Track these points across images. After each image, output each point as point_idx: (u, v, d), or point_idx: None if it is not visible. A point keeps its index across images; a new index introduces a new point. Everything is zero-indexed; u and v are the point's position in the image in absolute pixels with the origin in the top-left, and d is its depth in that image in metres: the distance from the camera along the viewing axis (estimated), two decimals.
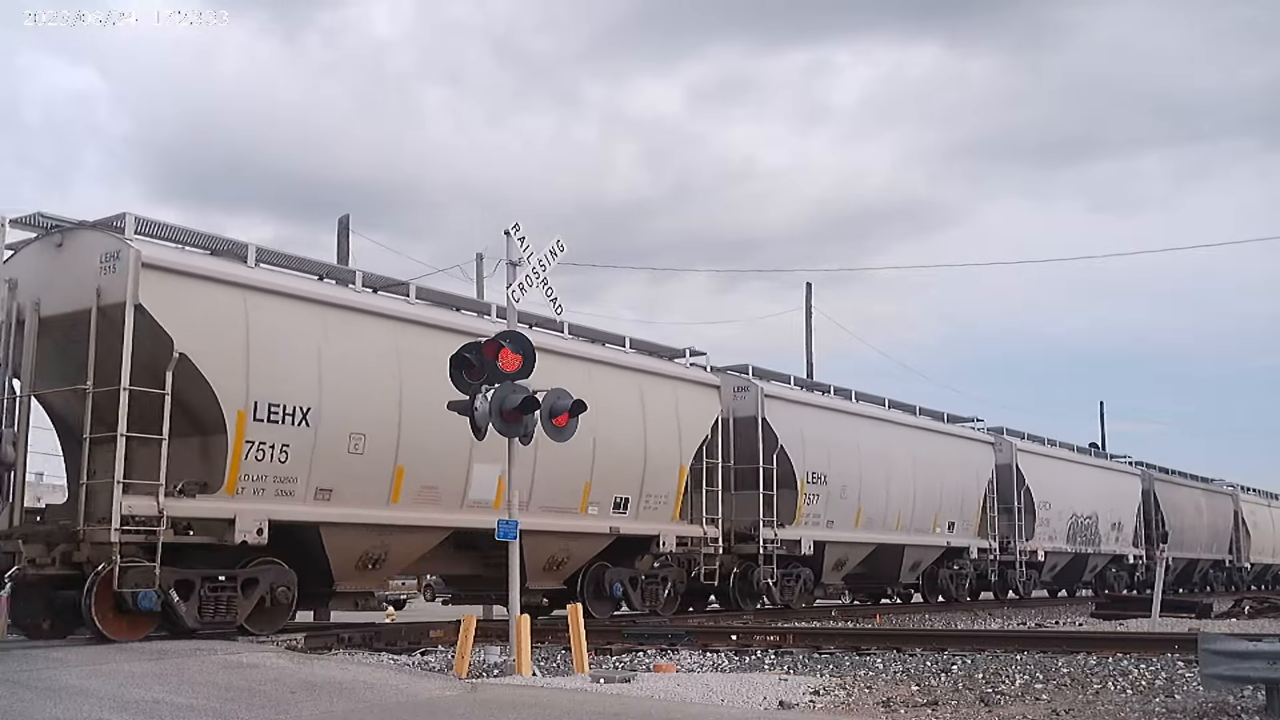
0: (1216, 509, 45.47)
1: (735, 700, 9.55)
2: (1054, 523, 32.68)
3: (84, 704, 8.38)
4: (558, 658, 12.81)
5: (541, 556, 17.60)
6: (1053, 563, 33.07)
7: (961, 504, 28.38)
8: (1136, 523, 38.79)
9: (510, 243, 12.77)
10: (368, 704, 9.05)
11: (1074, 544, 33.96)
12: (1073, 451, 36.33)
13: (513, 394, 11.89)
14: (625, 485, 18.73)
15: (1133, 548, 38.40)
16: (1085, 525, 34.65)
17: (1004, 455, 31.07)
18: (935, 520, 27.21)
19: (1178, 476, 43.44)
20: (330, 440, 14.33)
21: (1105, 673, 11.20)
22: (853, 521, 24.22)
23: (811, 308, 36.31)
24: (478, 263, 29.78)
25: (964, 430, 29.97)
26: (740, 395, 22.17)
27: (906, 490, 26.02)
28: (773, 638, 14.86)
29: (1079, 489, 34.57)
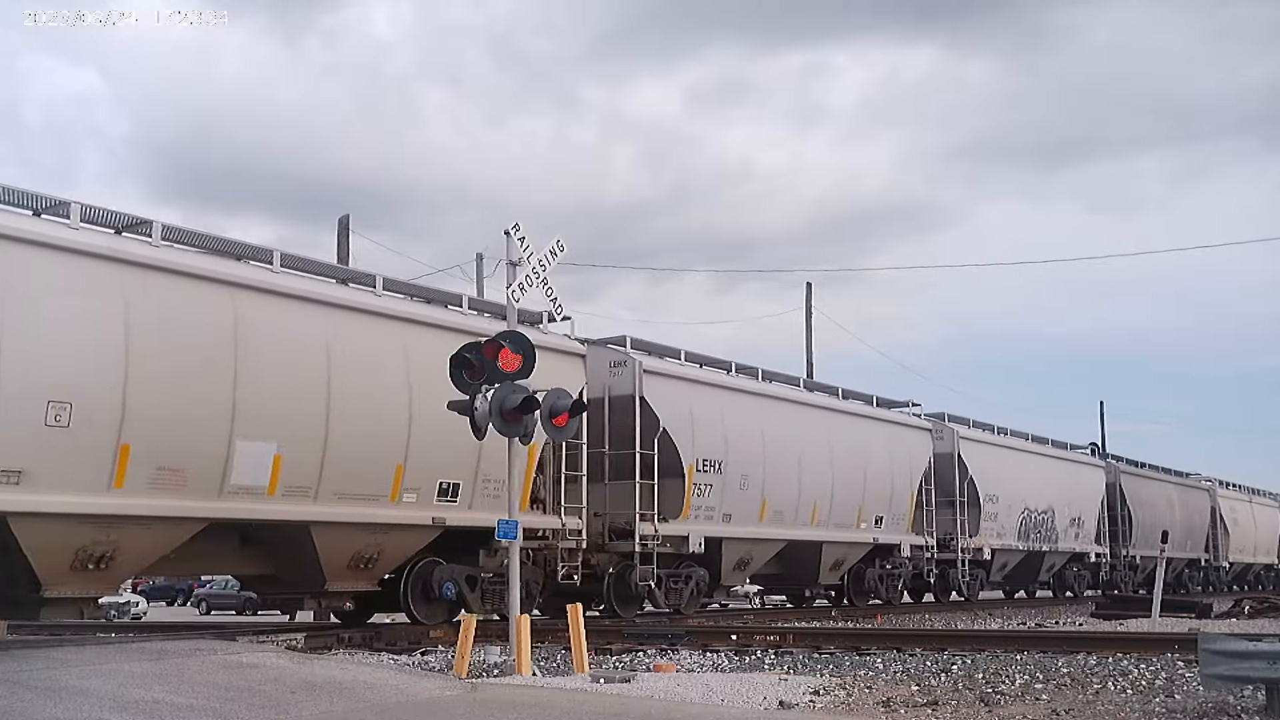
0: (1191, 505, 43.05)
1: (735, 700, 9.55)
2: (1003, 517, 29.99)
3: (84, 704, 8.38)
4: (558, 658, 12.81)
5: (342, 553, 14.72)
6: (1002, 561, 30.48)
7: (891, 496, 25.60)
8: (1100, 518, 36.05)
9: (510, 243, 12.79)
10: (368, 704, 9.04)
11: (1027, 541, 31.29)
12: (1027, 440, 33.28)
13: (513, 394, 11.91)
14: (454, 469, 15.62)
15: (1095, 545, 35.75)
16: (1040, 521, 32.04)
17: (944, 443, 28.11)
18: (860, 514, 24.47)
19: (1149, 470, 41.17)
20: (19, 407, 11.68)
21: (1105, 673, 11.19)
22: (756, 515, 21.44)
23: (811, 308, 36.33)
24: (478, 263, 29.81)
25: (896, 415, 27.15)
26: (616, 370, 19.30)
27: (823, 481, 23.10)
28: (773, 638, 14.87)
29: (1032, 481, 31.94)
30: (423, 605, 16.12)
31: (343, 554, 14.74)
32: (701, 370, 21.45)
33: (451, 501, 15.78)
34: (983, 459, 29.28)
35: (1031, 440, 33.56)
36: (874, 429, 25.70)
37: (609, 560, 19.18)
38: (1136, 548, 37.41)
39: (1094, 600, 30.16)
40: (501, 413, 11.85)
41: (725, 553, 21.03)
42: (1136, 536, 37.33)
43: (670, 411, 19.55)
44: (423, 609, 16.09)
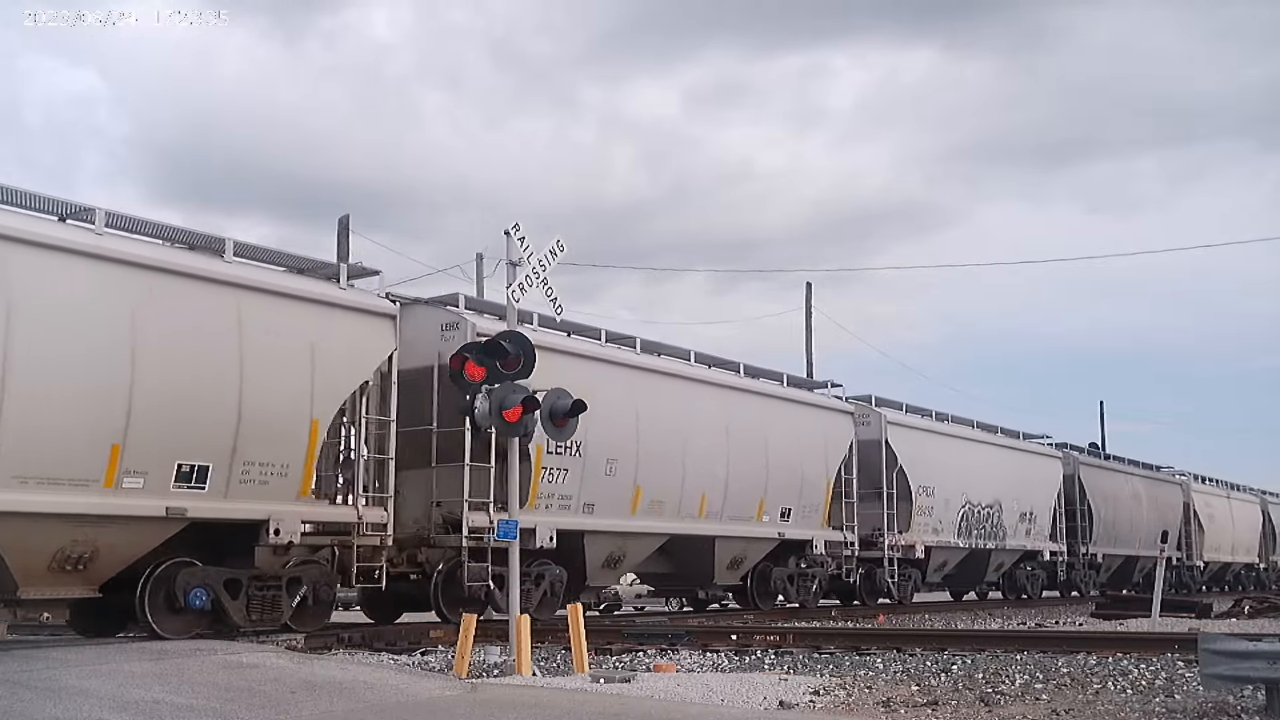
0: (1162, 500, 40.19)
1: (735, 700, 9.56)
2: (939, 512, 27.13)
3: (84, 704, 8.38)
4: (558, 658, 12.81)
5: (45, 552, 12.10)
6: (941, 560, 27.76)
7: (802, 487, 22.74)
8: (1056, 514, 33.31)
9: (510, 243, 12.79)
10: (368, 704, 9.05)
11: (968, 538, 28.46)
12: (972, 428, 30.37)
13: (512, 394, 11.91)
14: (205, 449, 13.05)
15: (1050, 543, 32.95)
16: (984, 516, 29.19)
17: (870, 429, 25.35)
18: (761, 506, 21.67)
19: (1113, 462, 38.71)
20: None
21: (1105, 673, 11.19)
22: (628, 506, 18.59)
23: (811, 307, 36.34)
24: (478, 263, 29.83)
25: (810, 396, 24.36)
26: (449, 335, 16.28)
27: (715, 467, 20.19)
28: (773, 638, 14.87)
29: (976, 472, 28.93)
30: (164, 617, 13.12)
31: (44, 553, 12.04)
32: (557, 336, 17.94)
33: (200, 489, 12.98)
34: (916, 447, 26.39)
35: (977, 427, 30.63)
36: (781, 410, 22.74)
37: (440, 556, 16.25)
38: (1098, 545, 35.12)
39: (1094, 600, 29.58)
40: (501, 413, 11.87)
41: (589, 549, 18.26)
42: (1098, 533, 34.96)
43: None
44: (162, 621, 13.10)
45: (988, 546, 29.54)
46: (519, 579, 12.40)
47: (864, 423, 25.21)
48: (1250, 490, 50.42)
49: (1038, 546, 32.35)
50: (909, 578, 26.67)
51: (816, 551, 23.47)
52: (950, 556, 28.23)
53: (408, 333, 15.87)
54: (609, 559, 18.97)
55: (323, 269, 15.06)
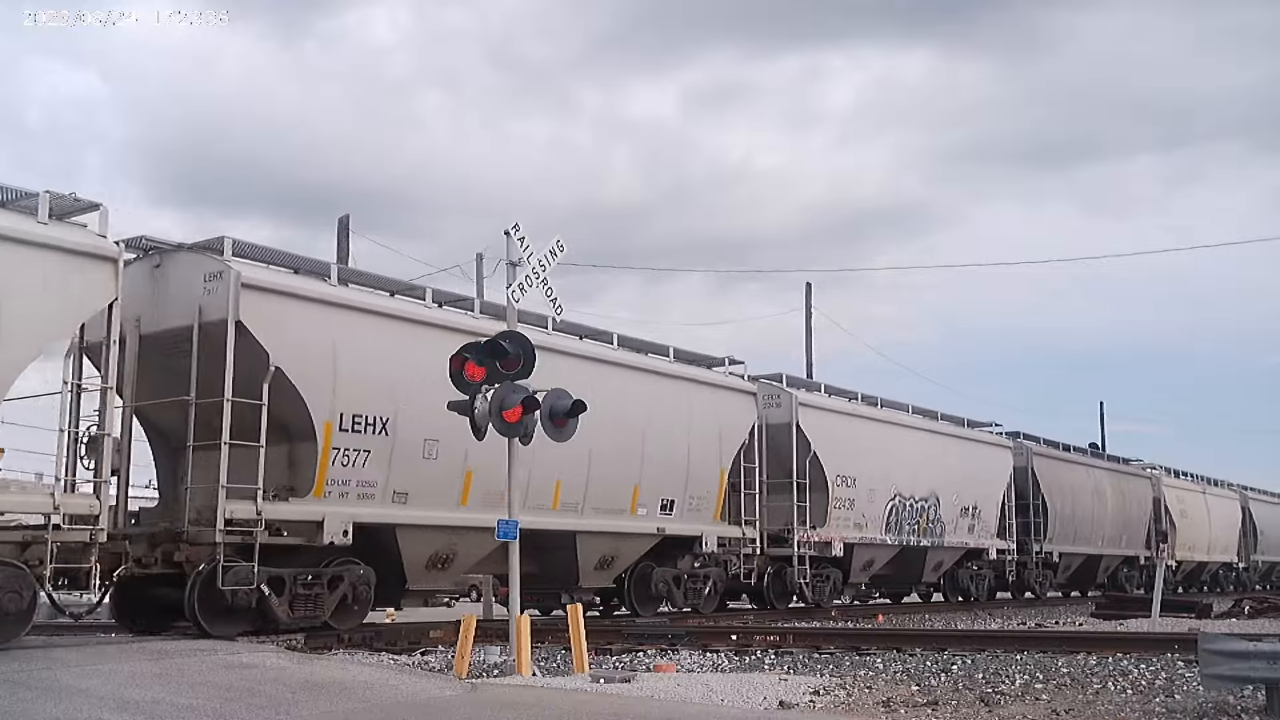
0: (1129, 495, 37.31)
1: (735, 700, 9.56)
2: (862, 505, 24.29)
3: (84, 704, 8.38)
4: (558, 658, 12.82)
5: None
6: (866, 558, 24.93)
7: (688, 475, 19.96)
8: (1005, 508, 30.30)
9: (510, 243, 12.79)
10: (368, 704, 9.05)
11: (898, 534, 25.50)
12: (907, 413, 27.33)
13: (512, 394, 11.92)
14: None
15: (998, 540, 29.88)
16: (918, 510, 26.20)
17: (780, 411, 22.64)
18: (636, 497, 18.86)
19: (1073, 453, 35.50)
20: None
21: (1105, 673, 11.20)
22: (456, 495, 15.80)
23: (811, 308, 36.33)
24: (478, 263, 29.77)
25: (701, 373, 21.15)
26: (210, 286, 13.75)
27: (573, 451, 15.63)
28: (773, 638, 14.88)
29: (907, 462, 26.04)
30: None
31: None
32: (349, 291, 15.47)
33: None
34: (833, 432, 23.57)
35: (914, 413, 27.55)
36: (664, 388, 19.71)
37: (203, 555, 13.46)
38: (1055, 543, 32.27)
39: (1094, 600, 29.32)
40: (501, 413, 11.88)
41: (405, 545, 15.49)
42: (1054, 530, 32.09)
43: (291, 343, 13.99)
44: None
45: (922, 544, 26.45)
46: (516, 580, 12.38)
47: (773, 404, 22.61)
48: (1230, 485, 47.74)
49: (983, 544, 29.29)
50: (827, 579, 23.82)
51: (706, 549, 20.47)
52: (877, 555, 25.28)
53: (161, 285, 14.23)
54: (434, 558, 15.99)
55: (22, 201, 12.41)
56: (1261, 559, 49.51)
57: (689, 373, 20.84)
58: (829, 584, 24.06)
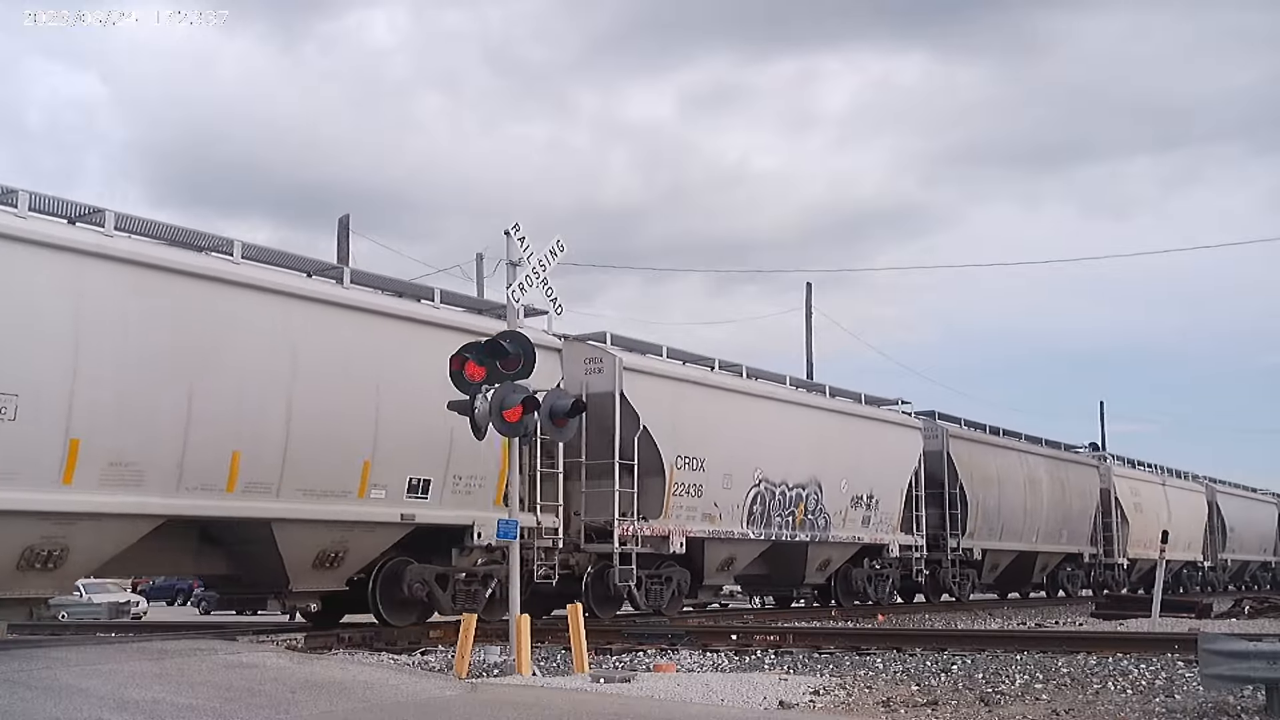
0: (1071, 485, 33.27)
1: (735, 700, 9.56)
2: (713, 492, 20.01)
3: (83, 704, 8.38)
4: (558, 658, 12.81)
5: None
6: (722, 555, 20.75)
7: (451, 449, 15.27)
8: (910, 499, 25.90)
9: (510, 243, 12.80)
10: (368, 704, 9.05)
11: (764, 527, 21.34)
12: (782, 385, 22.88)
13: (512, 394, 11.92)
14: None
15: (902, 534, 25.57)
16: (792, 499, 22.03)
17: (601, 377, 18.38)
18: (366, 477, 14.49)
19: (1003, 437, 31.13)
20: None
21: (1105, 673, 11.20)
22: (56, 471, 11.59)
23: (811, 308, 36.35)
24: (478, 263, 29.80)
25: (466, 319, 16.22)
26: None
27: (267, 414, 13.41)
28: (773, 637, 14.88)
29: (776, 442, 21.84)
30: None
31: None
32: None
33: None
34: (672, 404, 19.50)
35: (792, 385, 23.39)
36: (403, 335, 15.18)
37: None
38: (977, 538, 28.10)
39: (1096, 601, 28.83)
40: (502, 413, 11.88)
41: None
42: (975, 523, 27.90)
43: None
44: None
45: (799, 539, 22.29)
46: (517, 579, 12.39)
47: (594, 369, 18.45)
48: (1195, 477, 43.80)
49: (881, 539, 24.99)
50: (666, 580, 19.72)
51: (480, 541, 15.96)
52: (738, 551, 21.23)
53: None
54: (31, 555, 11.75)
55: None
56: (1231, 558, 45.12)
57: (456, 319, 16.01)
58: (669, 586, 19.72)
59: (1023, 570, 31.59)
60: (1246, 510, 47.44)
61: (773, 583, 25.02)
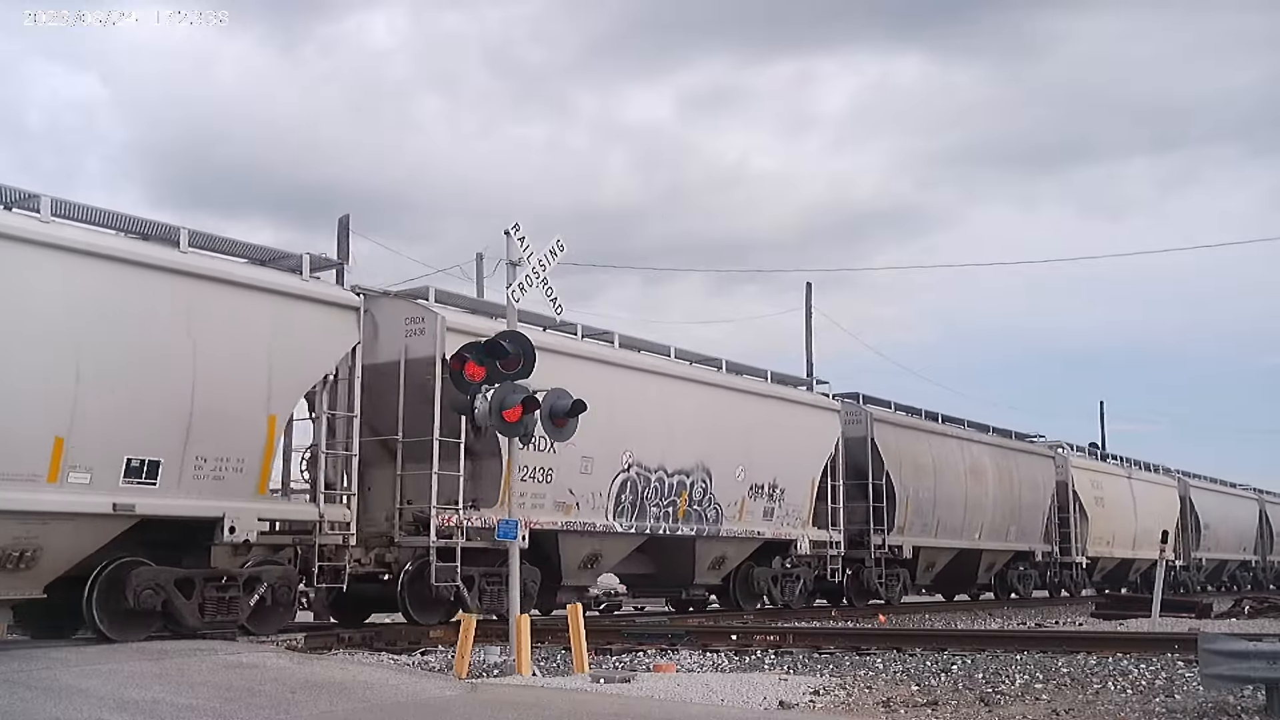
0: (1022, 477, 30.40)
1: (735, 700, 9.56)
2: (567, 477, 17.14)
3: (83, 704, 8.38)
4: (558, 658, 12.82)
5: None
6: (585, 551, 17.88)
7: (190, 425, 12.69)
8: (823, 489, 23.11)
9: (510, 242, 12.78)
10: (368, 704, 9.05)
11: (639, 519, 18.40)
12: (665, 358, 19.86)
13: (513, 394, 11.92)
14: None
15: (813, 529, 22.78)
16: (672, 487, 19.22)
17: (421, 341, 15.38)
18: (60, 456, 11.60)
19: (942, 423, 28.12)
20: None
21: (1105, 673, 11.20)
22: None
23: (811, 308, 36.34)
24: (478, 263, 29.81)
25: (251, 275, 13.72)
26: None
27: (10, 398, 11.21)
28: (773, 637, 14.89)
29: (656, 422, 18.93)
30: None
31: None
32: None
33: None
34: None
35: (676, 357, 20.12)
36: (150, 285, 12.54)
37: None
38: (908, 534, 25.34)
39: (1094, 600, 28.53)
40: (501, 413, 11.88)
41: None
42: (905, 518, 25.18)
43: None
44: None
45: (682, 532, 19.45)
46: (516, 580, 12.39)
47: (415, 331, 15.47)
48: (1167, 471, 41.34)
49: (788, 534, 22.14)
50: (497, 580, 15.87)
51: (234, 537, 13.11)
52: (603, 546, 18.25)
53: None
54: None
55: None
56: (1206, 556, 42.15)
57: (234, 274, 13.53)
58: (474, 587, 16.02)
59: (965, 570, 28.76)
60: (1224, 506, 44.55)
61: (659, 583, 21.72)
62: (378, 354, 15.43)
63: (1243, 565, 47.08)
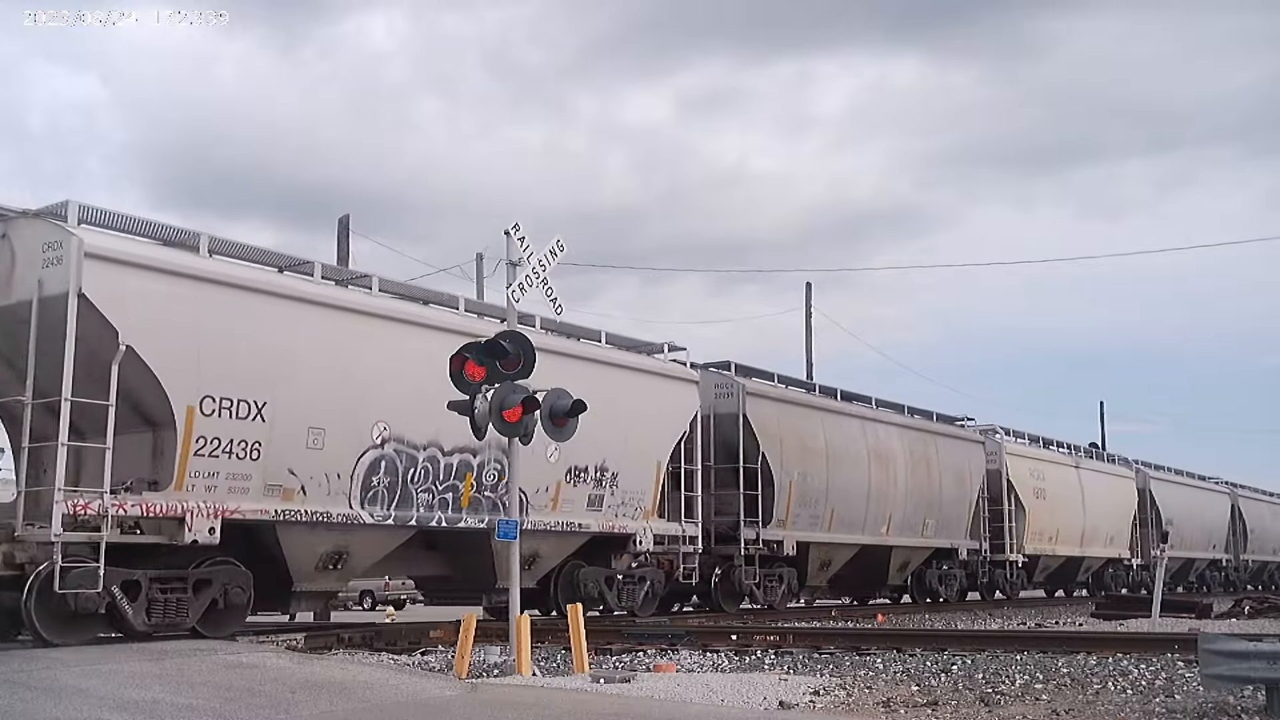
0: (941, 463, 26.71)
1: (735, 700, 9.56)
2: (288, 454, 13.61)
3: (83, 704, 8.38)
4: (558, 658, 12.82)
5: None
6: (321, 548, 14.22)
7: None
8: (675, 474, 19.76)
9: (510, 243, 12.79)
10: (368, 704, 9.05)
11: (401, 507, 14.92)
12: (453, 310, 16.45)
13: (513, 394, 11.92)
14: None
15: (658, 522, 19.27)
16: (453, 471, 15.66)
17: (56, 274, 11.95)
18: None
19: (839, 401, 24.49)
20: None
21: (1105, 673, 11.20)
22: None
23: (811, 308, 36.35)
24: (478, 263, 29.81)
25: None
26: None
27: None
28: (773, 638, 14.89)
29: (426, 391, 13.92)
30: None
31: None
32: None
33: None
34: (194, 317, 12.82)
35: (468, 311, 16.72)
36: None
37: None
38: (789, 528, 21.78)
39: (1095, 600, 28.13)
40: (501, 413, 11.88)
41: None
42: (787, 509, 21.69)
43: None
44: None
45: (467, 524, 15.89)
46: (517, 580, 12.39)
47: (52, 260, 12.02)
48: (1122, 460, 38.07)
49: (622, 528, 18.50)
50: (200, 584, 12.93)
51: None
52: (351, 542, 14.57)
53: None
54: None
55: None
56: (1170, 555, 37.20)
57: None
58: (205, 595, 12.92)
59: (873, 569, 25.42)
60: (1190, 500, 40.85)
61: (458, 586, 17.66)
62: (11, 291, 12.43)
63: (1212, 564, 43.04)
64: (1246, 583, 44.95)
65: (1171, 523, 38.20)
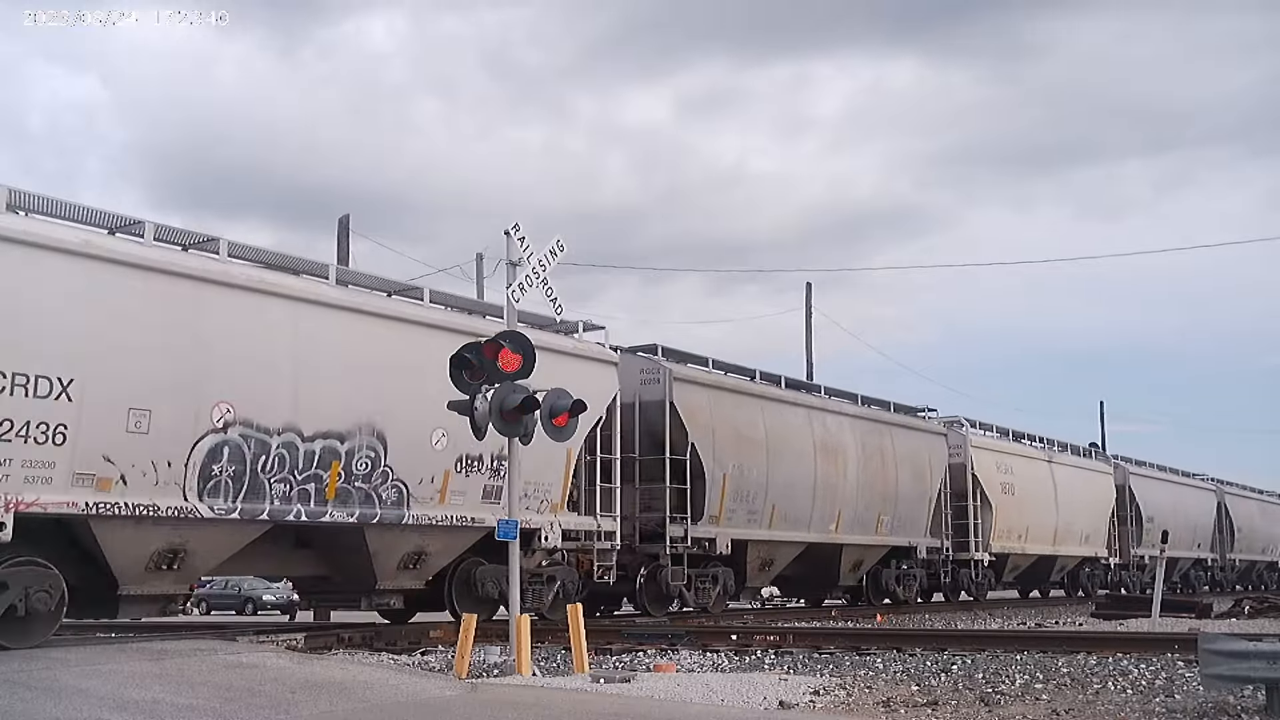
0: (897, 455, 24.92)
1: (735, 700, 9.55)
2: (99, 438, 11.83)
3: (83, 704, 8.38)
4: (558, 658, 12.82)
5: None
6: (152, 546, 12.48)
7: None
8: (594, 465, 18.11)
9: (510, 243, 12.79)
10: (368, 704, 9.05)
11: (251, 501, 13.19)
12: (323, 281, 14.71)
13: (513, 394, 11.92)
14: None
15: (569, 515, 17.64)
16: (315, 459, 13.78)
17: None
18: None
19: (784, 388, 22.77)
20: None
21: (1105, 673, 11.20)
22: None
23: (811, 308, 36.33)
24: (478, 263, 29.80)
25: None
26: None
27: None
28: (773, 638, 14.89)
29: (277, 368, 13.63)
30: None
31: None
32: None
33: None
34: None
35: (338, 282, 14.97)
36: None
37: None
38: (723, 525, 20.13)
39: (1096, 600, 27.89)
40: (501, 413, 11.87)
41: None
42: (720, 505, 19.97)
43: None
44: None
45: (334, 518, 14.11)
46: (516, 580, 12.39)
47: None
48: (1099, 456, 36.53)
49: (525, 521, 15.38)
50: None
51: None
52: (190, 539, 12.84)
53: None
54: None
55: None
56: (1150, 554, 33.62)
57: None
58: None
59: (823, 568, 23.64)
60: (1173, 497, 39.08)
61: (334, 586, 16.13)
62: None
63: (1197, 564, 41.09)
64: (1234, 583, 43.58)
65: (1153, 520, 36.72)
